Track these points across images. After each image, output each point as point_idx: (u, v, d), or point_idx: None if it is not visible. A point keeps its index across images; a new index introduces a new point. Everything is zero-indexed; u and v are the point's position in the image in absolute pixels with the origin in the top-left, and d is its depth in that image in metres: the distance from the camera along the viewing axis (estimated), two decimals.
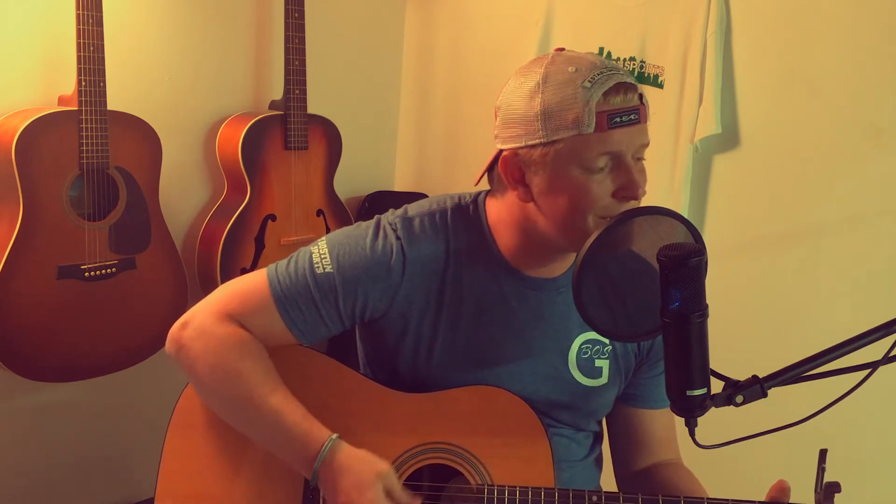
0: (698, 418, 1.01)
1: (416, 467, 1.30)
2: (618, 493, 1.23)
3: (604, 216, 1.19)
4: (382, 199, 2.98)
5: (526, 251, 1.30)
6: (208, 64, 2.56)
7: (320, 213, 2.67)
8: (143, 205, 2.26)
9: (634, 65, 2.36)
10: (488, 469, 1.28)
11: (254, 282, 1.31)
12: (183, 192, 2.57)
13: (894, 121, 2.00)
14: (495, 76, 2.70)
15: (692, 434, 1.02)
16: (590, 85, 1.15)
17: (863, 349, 0.98)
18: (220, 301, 1.30)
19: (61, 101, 2.19)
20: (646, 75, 2.34)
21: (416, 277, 1.29)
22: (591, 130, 1.15)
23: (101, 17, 2.07)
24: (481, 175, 1.33)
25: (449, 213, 1.33)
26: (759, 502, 1.19)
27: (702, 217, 2.32)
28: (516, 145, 1.22)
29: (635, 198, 1.19)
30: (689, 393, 0.98)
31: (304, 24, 2.50)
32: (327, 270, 1.27)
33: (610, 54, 2.39)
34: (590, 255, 1.07)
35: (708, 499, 1.21)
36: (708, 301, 0.98)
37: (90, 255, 2.17)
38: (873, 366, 0.98)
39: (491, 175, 1.32)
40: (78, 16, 2.04)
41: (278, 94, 2.60)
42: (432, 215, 1.32)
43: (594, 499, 1.21)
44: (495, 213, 1.32)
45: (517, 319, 1.32)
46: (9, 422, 2.34)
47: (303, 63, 2.51)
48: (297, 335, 1.30)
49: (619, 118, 1.16)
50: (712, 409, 1.00)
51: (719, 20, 2.20)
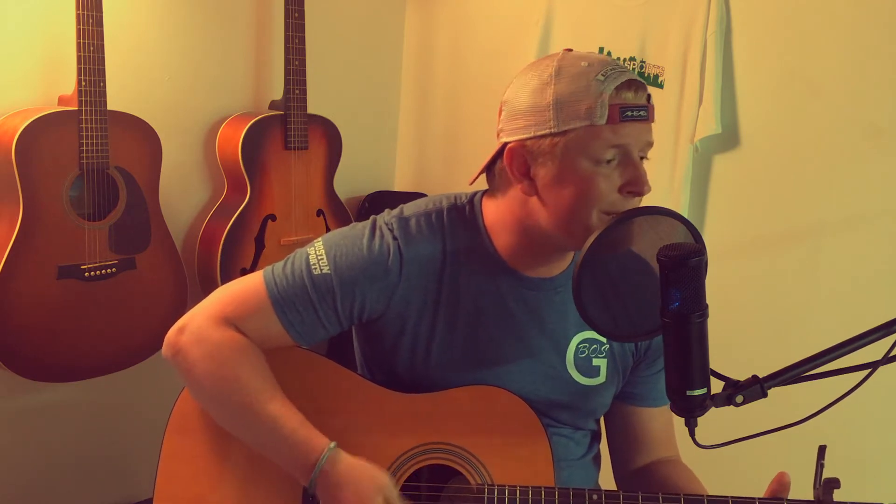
0: (698, 418, 1.01)
1: (415, 468, 1.29)
2: (618, 491, 1.23)
3: (608, 211, 1.19)
4: (382, 199, 2.98)
5: (524, 251, 1.30)
6: (208, 64, 2.56)
7: (320, 213, 2.67)
8: (143, 205, 2.26)
9: (634, 65, 2.36)
10: (488, 469, 1.28)
11: (250, 285, 1.30)
12: (183, 192, 2.57)
13: (894, 121, 2.00)
14: (495, 76, 2.71)
15: (692, 434, 1.02)
16: (603, 78, 1.17)
17: (863, 349, 0.98)
18: (216, 305, 1.29)
19: (61, 101, 2.19)
20: (646, 75, 2.34)
21: (413, 278, 1.29)
22: (604, 122, 1.17)
23: (101, 17, 2.07)
24: (479, 173, 1.33)
25: (445, 213, 1.33)
26: (759, 499, 1.19)
27: (702, 217, 2.32)
28: (524, 136, 1.22)
29: (640, 193, 1.20)
30: (689, 393, 0.98)
31: (304, 24, 2.50)
32: (324, 271, 1.27)
33: (610, 54, 2.39)
34: (590, 254, 1.07)
35: (708, 496, 1.21)
36: (708, 301, 0.98)
37: (90, 255, 2.17)
38: (873, 366, 0.98)
39: (489, 174, 1.32)
40: (78, 16, 2.04)
41: (278, 94, 2.60)
42: (428, 215, 1.32)
43: (594, 497, 1.21)
44: (492, 212, 1.31)
45: (514, 319, 1.32)
46: (9, 422, 2.35)
47: (303, 63, 2.51)
48: (294, 337, 1.29)
49: (630, 112, 1.17)
50: (712, 409, 1.00)
51: (719, 20, 2.20)
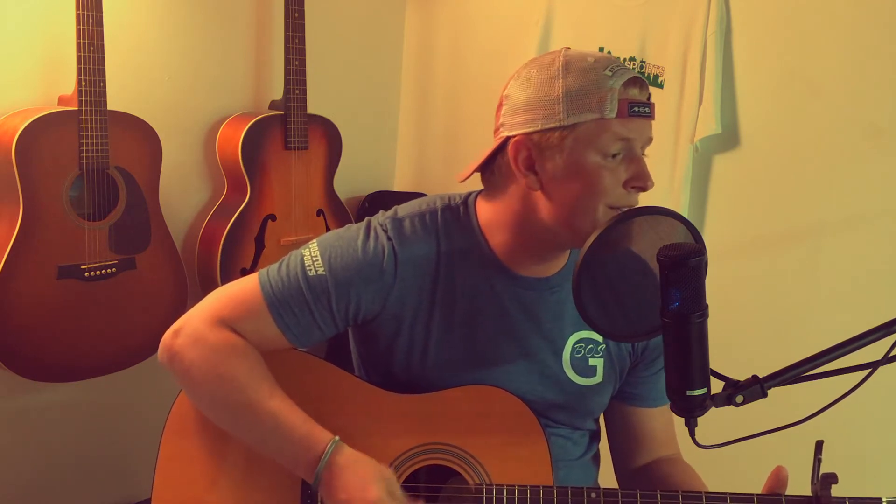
0: (698, 418, 1.01)
1: (413, 468, 1.29)
2: (616, 489, 1.23)
3: (614, 206, 1.20)
4: (382, 199, 2.98)
5: (520, 250, 1.30)
6: (208, 64, 2.56)
7: (320, 213, 2.67)
8: (143, 205, 2.26)
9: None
10: (486, 469, 1.28)
11: (246, 286, 1.29)
12: (183, 192, 2.57)
13: (894, 121, 2.00)
14: (495, 76, 2.69)
15: (692, 434, 1.02)
16: (611, 73, 1.19)
17: (863, 349, 0.98)
18: (211, 307, 1.29)
19: (61, 101, 2.19)
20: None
21: (408, 278, 1.29)
22: (614, 115, 1.18)
23: (101, 17, 2.07)
24: (473, 170, 1.32)
25: (439, 213, 1.32)
26: (758, 495, 1.19)
27: (702, 217, 2.32)
28: (530, 130, 1.21)
29: (645, 188, 1.21)
30: (689, 393, 0.98)
31: (304, 24, 2.50)
32: (319, 273, 1.26)
33: (610, 54, 2.38)
34: (590, 254, 1.07)
35: (707, 493, 1.21)
36: (708, 301, 0.98)
37: (90, 255, 2.17)
38: (873, 366, 0.98)
39: (486, 172, 1.31)
40: (78, 16, 2.04)
41: (278, 94, 2.60)
42: (423, 216, 1.32)
43: (593, 496, 1.21)
44: (488, 212, 1.31)
45: (510, 319, 1.32)
46: (9, 422, 2.35)
47: (303, 63, 2.51)
48: (290, 338, 1.29)
49: (637, 108, 1.19)
50: (712, 409, 1.00)
51: (719, 20, 2.20)
